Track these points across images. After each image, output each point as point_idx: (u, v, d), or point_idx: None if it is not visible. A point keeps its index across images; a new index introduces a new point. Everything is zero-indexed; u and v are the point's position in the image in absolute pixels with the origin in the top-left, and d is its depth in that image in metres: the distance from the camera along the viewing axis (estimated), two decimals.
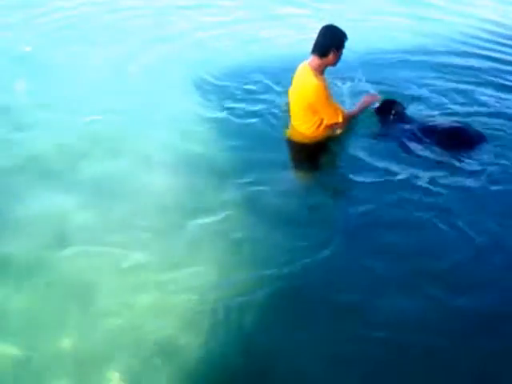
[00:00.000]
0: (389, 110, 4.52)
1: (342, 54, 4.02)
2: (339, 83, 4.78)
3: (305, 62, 4.08)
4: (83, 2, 7.32)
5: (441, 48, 6.24)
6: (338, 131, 4.24)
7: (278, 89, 5.09)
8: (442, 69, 5.63)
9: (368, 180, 3.98)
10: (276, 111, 4.70)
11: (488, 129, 4.50)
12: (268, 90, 5.14)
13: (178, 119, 4.70)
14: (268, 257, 3.32)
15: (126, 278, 3.14)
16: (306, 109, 4.10)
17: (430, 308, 3.06)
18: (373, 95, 4.37)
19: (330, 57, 3.96)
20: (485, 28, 6.88)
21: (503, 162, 4.15)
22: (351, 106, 4.45)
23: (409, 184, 3.94)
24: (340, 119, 4.11)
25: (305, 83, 4.02)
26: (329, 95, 4.02)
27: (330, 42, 3.92)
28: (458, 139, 4.33)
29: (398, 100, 4.63)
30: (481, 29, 6.85)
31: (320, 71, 4.03)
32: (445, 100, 4.99)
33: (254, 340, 2.86)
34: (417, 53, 6.03)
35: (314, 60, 4.01)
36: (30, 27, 6.54)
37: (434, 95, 5.06)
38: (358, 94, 4.62)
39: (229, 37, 6.50)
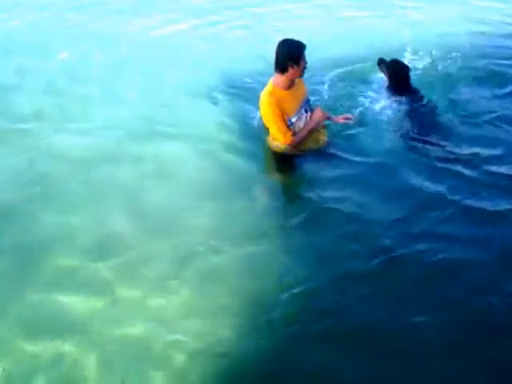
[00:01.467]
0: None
1: (305, 63, 3.98)
2: None
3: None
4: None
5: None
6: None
7: None
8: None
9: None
10: None
11: None
12: None
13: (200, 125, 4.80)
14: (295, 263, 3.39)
15: (160, 286, 3.28)
16: (264, 121, 4.20)
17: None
18: (323, 113, 4.23)
19: (291, 71, 3.96)
20: None
21: None
22: None
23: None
24: (282, 140, 4.12)
25: (260, 100, 4.12)
26: (275, 115, 4.03)
27: (287, 57, 3.91)
28: None
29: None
30: None
31: (285, 86, 4.06)
32: None
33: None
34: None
35: (277, 77, 4.06)
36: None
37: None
38: None
39: (251, 39, 6.54)
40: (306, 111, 4.24)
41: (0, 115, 5.04)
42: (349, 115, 4.39)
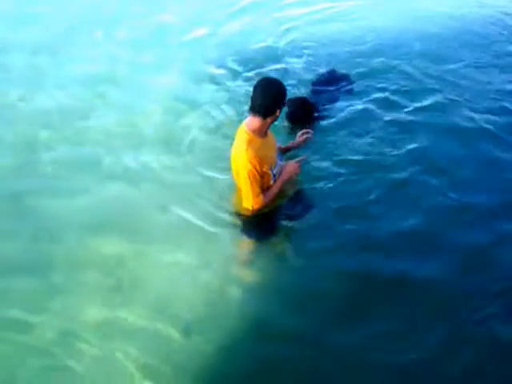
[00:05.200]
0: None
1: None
2: None
3: (244, 122, 3.56)
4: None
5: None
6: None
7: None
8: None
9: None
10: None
11: None
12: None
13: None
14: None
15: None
16: (236, 176, 3.65)
17: None
18: (296, 165, 3.68)
19: (272, 117, 3.44)
20: None
21: None
22: None
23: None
24: (251, 207, 3.57)
25: (237, 150, 3.51)
26: (254, 173, 3.45)
27: (278, 100, 3.39)
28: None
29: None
30: None
31: (261, 133, 3.50)
32: None
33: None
34: None
35: (254, 121, 3.46)
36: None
37: None
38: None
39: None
40: (281, 160, 3.79)
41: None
42: (306, 130, 3.99)
